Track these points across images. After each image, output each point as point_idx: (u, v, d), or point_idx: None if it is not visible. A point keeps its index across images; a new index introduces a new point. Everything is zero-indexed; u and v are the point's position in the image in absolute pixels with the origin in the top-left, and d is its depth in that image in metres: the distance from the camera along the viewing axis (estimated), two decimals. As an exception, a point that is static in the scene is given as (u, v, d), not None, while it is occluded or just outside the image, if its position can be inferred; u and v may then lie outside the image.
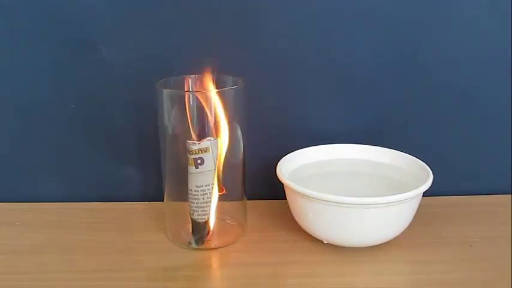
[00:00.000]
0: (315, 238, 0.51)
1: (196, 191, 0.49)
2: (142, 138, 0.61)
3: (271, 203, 0.60)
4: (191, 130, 0.49)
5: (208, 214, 0.50)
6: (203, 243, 0.51)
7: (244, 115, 0.51)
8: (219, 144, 0.49)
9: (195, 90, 0.52)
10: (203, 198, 0.49)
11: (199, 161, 0.48)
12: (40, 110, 0.61)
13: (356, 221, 0.48)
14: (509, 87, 0.60)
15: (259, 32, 0.58)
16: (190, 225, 0.51)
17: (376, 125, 0.62)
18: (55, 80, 0.60)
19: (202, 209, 0.50)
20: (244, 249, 0.52)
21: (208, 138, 0.48)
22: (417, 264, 0.49)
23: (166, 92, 0.49)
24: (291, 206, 0.53)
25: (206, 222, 0.51)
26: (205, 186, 0.49)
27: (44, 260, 0.50)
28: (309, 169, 0.57)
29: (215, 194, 0.50)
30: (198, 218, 0.50)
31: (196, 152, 0.48)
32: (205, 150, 0.48)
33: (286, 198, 0.53)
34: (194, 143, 0.48)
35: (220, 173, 0.50)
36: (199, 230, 0.51)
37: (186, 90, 0.52)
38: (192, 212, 0.50)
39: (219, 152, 0.49)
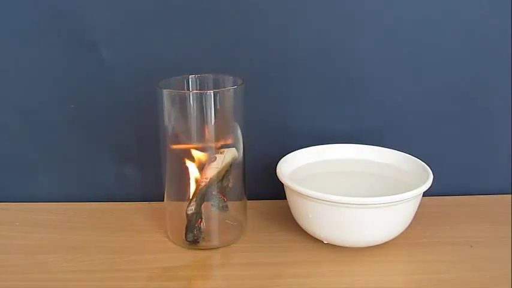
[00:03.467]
0: (315, 238, 0.51)
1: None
2: (142, 138, 0.61)
3: (271, 203, 0.60)
4: (191, 130, 0.49)
5: (198, 207, 0.50)
6: (195, 240, 0.51)
7: (244, 115, 0.51)
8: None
9: (195, 90, 0.52)
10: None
11: (212, 158, 0.50)
12: (40, 110, 0.61)
13: (356, 221, 0.48)
14: (509, 87, 0.60)
15: (259, 32, 0.58)
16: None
17: (376, 125, 0.62)
18: (55, 80, 0.60)
19: (193, 200, 0.50)
20: (244, 249, 0.52)
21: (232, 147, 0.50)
22: (417, 264, 0.49)
23: (166, 92, 0.49)
24: (291, 206, 0.53)
25: (194, 215, 0.50)
26: (205, 179, 0.50)
27: (44, 260, 0.50)
28: (309, 169, 0.57)
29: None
30: (187, 210, 0.50)
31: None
32: (221, 152, 0.50)
33: (286, 198, 0.53)
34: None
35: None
36: (188, 224, 0.51)
37: (186, 90, 0.52)
38: (186, 207, 0.50)
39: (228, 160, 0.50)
